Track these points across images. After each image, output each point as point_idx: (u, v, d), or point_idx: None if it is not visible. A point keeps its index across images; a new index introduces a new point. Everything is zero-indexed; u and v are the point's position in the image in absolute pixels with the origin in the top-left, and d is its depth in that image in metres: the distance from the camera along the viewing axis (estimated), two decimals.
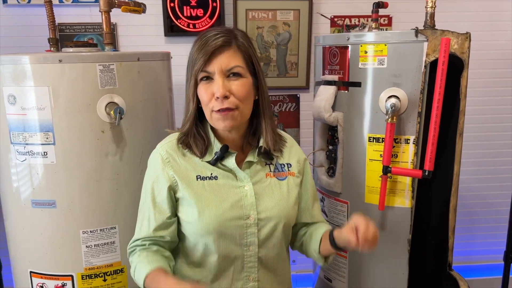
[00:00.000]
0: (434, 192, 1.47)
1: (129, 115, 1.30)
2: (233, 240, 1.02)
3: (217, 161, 1.03)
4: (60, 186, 1.27)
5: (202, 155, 1.03)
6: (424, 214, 1.49)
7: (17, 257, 1.40)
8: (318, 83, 1.43)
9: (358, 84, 1.29)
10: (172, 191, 1.03)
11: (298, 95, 2.48)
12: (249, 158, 1.06)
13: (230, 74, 0.97)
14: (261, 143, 1.05)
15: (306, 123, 2.47)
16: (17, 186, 1.31)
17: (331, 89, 1.34)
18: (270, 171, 1.08)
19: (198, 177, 1.03)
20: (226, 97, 0.96)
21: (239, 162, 1.05)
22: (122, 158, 1.32)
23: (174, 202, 1.04)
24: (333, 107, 1.35)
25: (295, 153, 1.13)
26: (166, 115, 1.50)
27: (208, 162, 1.03)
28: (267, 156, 1.07)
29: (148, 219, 1.04)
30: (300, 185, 1.12)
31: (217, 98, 0.96)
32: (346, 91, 1.33)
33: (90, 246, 1.32)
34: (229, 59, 0.97)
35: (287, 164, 1.10)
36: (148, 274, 0.97)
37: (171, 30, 2.05)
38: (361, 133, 1.32)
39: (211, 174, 1.03)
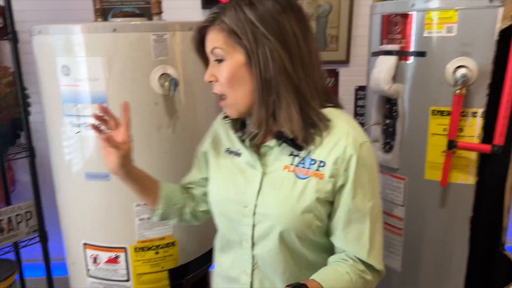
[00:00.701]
0: (491, 169, 1.41)
1: (181, 87, 1.27)
2: (232, 224, 0.96)
3: (241, 138, 0.94)
4: None
5: (236, 129, 0.97)
6: (478, 192, 1.43)
7: (70, 229, 1.41)
8: (376, 54, 1.36)
9: (422, 54, 1.22)
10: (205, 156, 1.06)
11: (337, 70, 2.41)
12: (268, 142, 0.91)
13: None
14: (283, 129, 0.87)
15: (346, 99, 2.40)
16: (70, 158, 1.31)
17: (392, 60, 1.27)
18: (292, 163, 0.88)
19: (227, 150, 1.00)
20: (212, 82, 0.90)
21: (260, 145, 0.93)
22: (174, 131, 1.29)
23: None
24: (393, 79, 1.29)
25: (338, 149, 0.84)
26: None
27: (239, 137, 0.96)
28: (295, 145, 0.87)
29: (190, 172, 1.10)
30: (332, 193, 0.86)
31: None
32: (408, 62, 1.26)
33: (143, 219, 1.31)
34: (210, 41, 0.86)
35: (320, 161, 0.85)
36: None
37: (208, 2, 2.00)
38: (423, 106, 1.25)
39: (238, 150, 0.97)
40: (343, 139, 0.85)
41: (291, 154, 0.89)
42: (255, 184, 0.91)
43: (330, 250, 0.93)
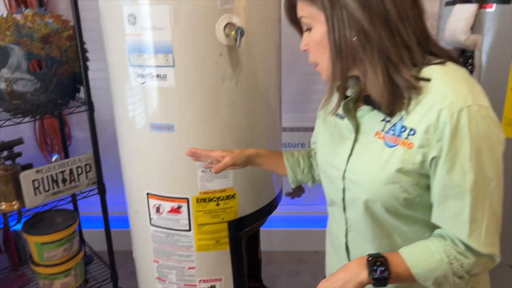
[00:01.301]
0: None
1: (244, 38, 1.24)
2: (331, 185, 0.98)
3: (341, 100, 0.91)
4: (178, 110, 1.26)
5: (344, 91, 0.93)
6: None
7: (133, 180, 1.45)
8: (451, 3, 1.27)
9: (507, 1, 1.13)
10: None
11: None
12: (363, 107, 0.89)
13: None
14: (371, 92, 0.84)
15: None
16: (134, 109, 1.32)
17: (471, 8, 1.19)
18: (383, 130, 0.83)
19: (334, 111, 0.98)
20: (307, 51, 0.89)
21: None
22: (237, 84, 1.28)
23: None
24: (471, 29, 1.21)
25: (431, 116, 0.75)
26: (275, 47, 1.42)
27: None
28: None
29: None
30: (422, 165, 0.78)
31: None
32: (490, 10, 1.18)
33: (205, 171, 1.33)
34: (298, 11, 0.87)
35: (410, 129, 0.78)
36: None
37: None
38: (504, 59, 1.18)
39: (342, 113, 0.95)
40: (438, 104, 0.74)
41: (383, 120, 0.84)
42: (347, 149, 0.90)
43: (428, 224, 0.85)
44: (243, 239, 1.47)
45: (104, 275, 2.19)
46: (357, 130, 0.89)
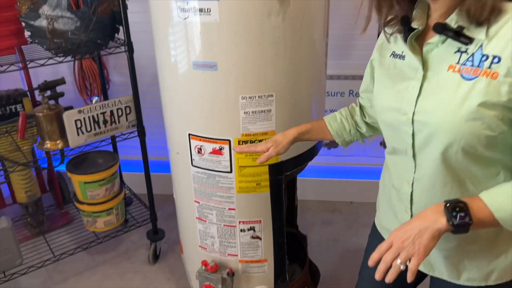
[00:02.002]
0: None
1: None
2: (394, 133, 0.91)
3: (405, 36, 0.85)
4: (222, 47, 1.21)
5: (400, 30, 0.86)
6: None
7: (176, 121, 1.44)
8: None
9: None
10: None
11: None
12: (431, 39, 0.80)
13: None
14: (451, 19, 0.76)
15: None
16: (176, 47, 1.28)
17: None
18: (458, 62, 0.76)
19: (393, 53, 0.91)
20: None
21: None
22: (284, 20, 1.21)
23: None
24: None
25: None
26: None
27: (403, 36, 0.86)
28: (461, 36, 0.75)
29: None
30: (509, 97, 0.71)
31: None
32: None
33: (248, 113, 1.30)
34: None
35: (494, 57, 0.71)
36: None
37: None
38: None
39: (402, 52, 0.88)
40: None
41: (457, 51, 0.76)
42: (414, 89, 0.82)
43: (504, 165, 0.80)
44: (284, 183, 1.46)
45: (143, 216, 2.27)
46: (424, 68, 0.82)
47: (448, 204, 0.73)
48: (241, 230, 1.48)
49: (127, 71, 1.82)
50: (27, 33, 1.67)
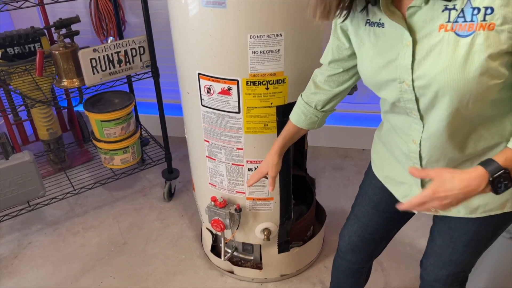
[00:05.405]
0: None
1: None
2: (393, 101, 0.89)
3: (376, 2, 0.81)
4: None
5: None
6: None
7: (185, 60, 1.45)
8: None
9: None
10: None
11: None
12: (413, 2, 0.76)
13: None
14: None
15: None
16: None
17: None
18: (448, 20, 0.73)
19: (368, 22, 0.87)
20: None
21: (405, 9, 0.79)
22: None
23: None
24: None
25: None
26: None
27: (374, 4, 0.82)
28: None
29: (331, 48, 1.05)
30: (510, 43, 0.70)
31: None
32: None
33: (256, 52, 1.30)
34: None
35: (486, 8, 0.68)
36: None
37: None
38: None
39: (379, 20, 0.84)
40: None
41: (445, 9, 0.73)
42: (406, 56, 0.79)
43: None
44: None
45: (159, 155, 2.35)
46: (410, 33, 0.78)
47: (491, 178, 0.74)
48: (248, 169, 1.54)
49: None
50: None
